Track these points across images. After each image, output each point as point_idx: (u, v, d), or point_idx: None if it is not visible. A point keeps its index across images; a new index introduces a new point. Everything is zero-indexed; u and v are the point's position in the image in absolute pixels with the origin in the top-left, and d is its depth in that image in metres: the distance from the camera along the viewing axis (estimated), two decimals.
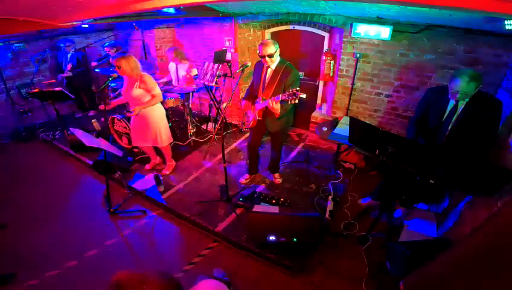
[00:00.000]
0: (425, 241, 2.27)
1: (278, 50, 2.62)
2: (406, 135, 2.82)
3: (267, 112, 2.79)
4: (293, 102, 2.35)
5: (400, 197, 2.91)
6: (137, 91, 2.99)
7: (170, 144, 3.57)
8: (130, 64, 2.90)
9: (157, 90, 3.07)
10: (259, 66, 2.81)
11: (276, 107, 2.55)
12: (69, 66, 4.91)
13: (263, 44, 2.57)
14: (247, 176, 3.50)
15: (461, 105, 2.18)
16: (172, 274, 1.03)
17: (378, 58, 3.50)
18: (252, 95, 2.95)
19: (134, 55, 3.05)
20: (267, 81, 2.74)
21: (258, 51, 2.65)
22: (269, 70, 2.71)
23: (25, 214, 3.17)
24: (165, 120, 3.39)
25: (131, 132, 3.48)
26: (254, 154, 3.31)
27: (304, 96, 2.33)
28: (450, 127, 2.26)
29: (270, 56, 2.57)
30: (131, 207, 3.24)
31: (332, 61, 3.92)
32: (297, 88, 2.32)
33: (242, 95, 4.93)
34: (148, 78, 3.02)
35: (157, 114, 3.24)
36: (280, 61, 2.68)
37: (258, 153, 3.34)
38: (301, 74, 4.49)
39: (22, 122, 5.04)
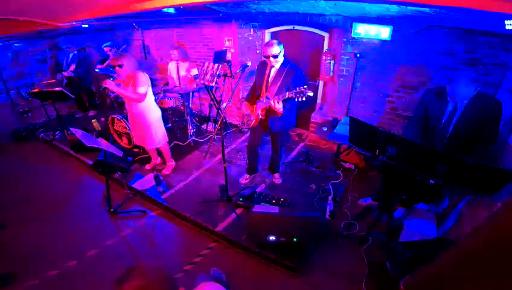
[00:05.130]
0: (425, 241, 2.27)
1: (283, 50, 2.62)
2: (403, 134, 2.81)
3: (270, 111, 2.79)
4: (300, 99, 2.38)
5: (400, 197, 2.91)
6: (130, 89, 2.98)
7: (169, 143, 3.56)
8: (131, 61, 2.88)
9: (142, 91, 2.93)
10: (263, 66, 2.80)
11: (278, 106, 2.57)
12: (72, 67, 4.90)
13: (268, 45, 2.58)
14: (247, 176, 3.50)
15: (460, 106, 2.18)
16: (173, 274, 1.03)
17: (378, 58, 3.50)
18: (253, 95, 2.94)
19: (134, 55, 3.05)
20: (270, 80, 2.74)
21: (261, 52, 2.65)
22: (273, 70, 2.71)
23: (25, 214, 3.17)
24: (160, 122, 3.34)
25: (132, 131, 3.48)
26: (254, 154, 3.31)
27: (311, 94, 2.37)
28: (451, 129, 2.26)
29: (275, 56, 2.58)
30: (131, 207, 3.24)
31: (332, 61, 3.92)
32: (305, 86, 2.35)
33: (242, 95, 4.95)
34: (141, 75, 2.93)
35: (153, 115, 3.20)
36: (284, 61, 2.68)
37: (258, 153, 3.35)
38: None
39: (22, 122, 5.04)
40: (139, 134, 3.34)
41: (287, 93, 2.46)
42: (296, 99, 2.39)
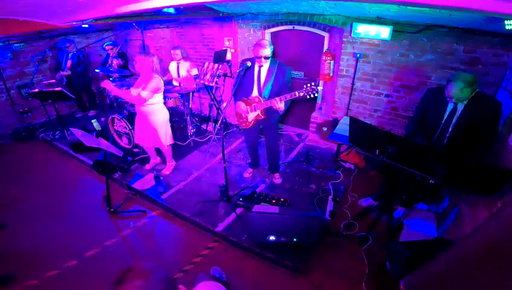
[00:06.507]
0: (425, 241, 2.27)
1: (272, 50, 2.70)
2: (404, 133, 2.82)
3: (267, 109, 2.82)
4: (312, 96, 2.45)
5: (400, 197, 2.91)
6: (137, 91, 2.98)
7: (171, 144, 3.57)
8: (145, 63, 2.91)
9: (144, 94, 2.92)
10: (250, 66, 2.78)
11: (281, 105, 2.62)
12: (69, 64, 4.91)
13: (261, 45, 2.61)
14: (250, 170, 3.58)
15: (460, 107, 2.18)
16: (172, 274, 1.04)
17: (378, 58, 3.50)
18: (243, 96, 2.92)
19: (133, 55, 3.05)
20: (262, 80, 2.76)
21: (253, 52, 2.67)
22: (263, 70, 2.74)
23: (25, 214, 3.17)
24: (168, 122, 3.37)
25: (135, 130, 3.49)
26: (255, 151, 3.39)
27: (320, 88, 2.42)
28: (450, 129, 2.26)
29: (267, 58, 2.64)
30: (131, 207, 3.24)
31: (332, 61, 3.92)
32: (313, 83, 2.43)
33: None
34: (154, 80, 2.95)
35: (160, 117, 3.22)
36: (272, 60, 2.73)
37: (258, 149, 3.44)
38: (301, 73, 4.50)
39: (22, 122, 5.04)
40: (143, 133, 3.33)
41: (297, 92, 2.49)
42: (308, 96, 2.47)
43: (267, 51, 2.61)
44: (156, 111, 3.16)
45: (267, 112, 2.85)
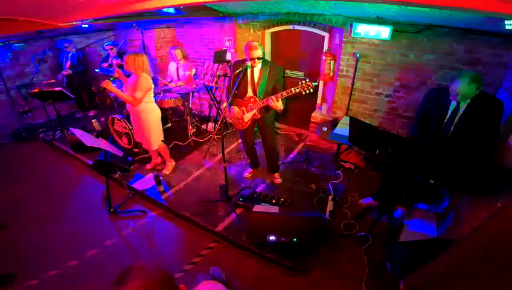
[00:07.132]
0: (425, 241, 2.27)
1: (263, 51, 2.75)
2: (409, 133, 2.82)
3: (264, 107, 2.85)
4: (307, 91, 2.48)
5: (400, 197, 2.91)
6: (130, 91, 2.99)
7: (169, 143, 3.57)
8: (135, 63, 2.91)
9: (138, 95, 2.95)
10: (242, 67, 2.79)
11: (278, 104, 2.64)
12: (68, 64, 4.92)
13: (253, 47, 2.64)
14: (250, 170, 3.57)
15: (463, 106, 2.18)
16: (173, 274, 1.03)
17: (378, 58, 3.50)
18: (237, 98, 2.93)
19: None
20: (256, 80, 2.79)
21: (246, 55, 2.69)
22: (256, 70, 2.78)
23: (25, 214, 3.17)
24: (158, 124, 3.34)
25: (134, 128, 3.50)
26: (252, 151, 3.38)
27: (316, 83, 2.50)
28: (452, 128, 2.26)
29: (260, 58, 2.68)
30: (131, 207, 3.24)
31: (332, 61, 3.92)
32: (308, 79, 2.47)
33: None
34: (142, 79, 2.94)
35: (152, 116, 3.21)
36: (263, 60, 2.77)
37: (256, 149, 3.44)
38: (301, 73, 4.50)
39: (22, 122, 5.04)
40: (139, 132, 3.37)
41: (293, 89, 2.51)
42: (304, 93, 2.49)
43: (259, 52, 2.65)
44: (147, 110, 3.16)
45: (263, 110, 2.88)
